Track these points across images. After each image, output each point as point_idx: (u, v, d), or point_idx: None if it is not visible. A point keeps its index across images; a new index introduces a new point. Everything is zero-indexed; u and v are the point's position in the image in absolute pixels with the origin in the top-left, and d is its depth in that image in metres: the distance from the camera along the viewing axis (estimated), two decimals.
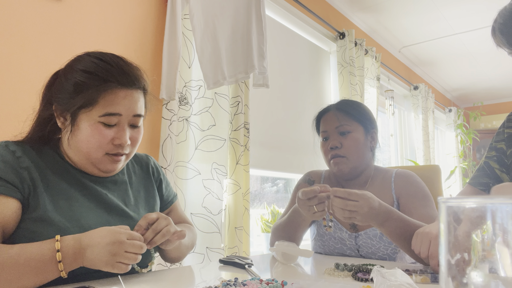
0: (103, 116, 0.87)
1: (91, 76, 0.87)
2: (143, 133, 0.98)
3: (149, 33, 1.84)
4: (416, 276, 0.85)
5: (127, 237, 0.80)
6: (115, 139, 0.90)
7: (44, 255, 0.77)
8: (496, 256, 0.36)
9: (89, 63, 0.89)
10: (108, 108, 0.87)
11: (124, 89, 0.89)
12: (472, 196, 0.38)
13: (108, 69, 0.88)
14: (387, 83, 4.17)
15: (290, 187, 3.01)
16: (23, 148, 0.89)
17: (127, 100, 0.90)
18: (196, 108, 1.90)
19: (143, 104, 0.95)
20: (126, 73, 0.90)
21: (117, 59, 0.92)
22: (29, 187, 0.85)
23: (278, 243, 1.10)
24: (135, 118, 0.93)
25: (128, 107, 0.90)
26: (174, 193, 1.20)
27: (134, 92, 0.91)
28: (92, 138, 0.88)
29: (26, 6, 1.41)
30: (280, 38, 2.75)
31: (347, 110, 1.33)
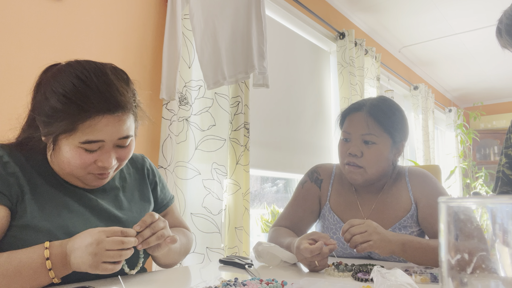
0: (84, 143, 0.82)
1: (68, 102, 0.80)
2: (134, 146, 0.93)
3: (149, 33, 1.84)
4: (416, 276, 0.85)
5: (106, 234, 0.76)
6: (99, 162, 0.86)
7: (34, 263, 0.76)
8: (496, 256, 0.36)
9: (68, 84, 0.81)
10: (88, 136, 0.82)
11: (106, 115, 0.82)
12: (472, 196, 0.38)
13: (87, 95, 0.80)
14: (387, 83, 4.17)
15: (290, 187, 3.01)
16: (10, 153, 0.86)
17: (109, 127, 0.83)
18: (196, 108, 1.90)
19: (131, 124, 0.88)
20: (108, 99, 0.82)
21: (99, 79, 0.83)
22: (16, 194, 0.83)
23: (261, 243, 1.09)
24: (122, 140, 0.87)
25: (111, 133, 0.84)
26: (170, 195, 1.16)
27: (118, 116, 0.84)
28: (73, 161, 0.84)
29: (26, 6, 1.41)
30: (280, 38, 2.75)
31: (380, 118, 1.19)
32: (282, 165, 2.62)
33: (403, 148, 1.27)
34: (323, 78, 3.21)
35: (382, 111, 1.21)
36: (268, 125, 2.54)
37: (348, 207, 1.29)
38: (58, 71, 0.85)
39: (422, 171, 1.28)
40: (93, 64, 0.87)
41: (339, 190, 1.32)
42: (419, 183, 1.24)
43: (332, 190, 1.33)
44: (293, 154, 2.72)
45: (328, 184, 1.34)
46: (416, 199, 1.22)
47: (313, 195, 1.34)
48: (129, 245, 0.78)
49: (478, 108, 6.12)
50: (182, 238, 1.08)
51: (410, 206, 1.21)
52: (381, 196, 1.26)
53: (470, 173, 5.71)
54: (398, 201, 1.23)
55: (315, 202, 1.34)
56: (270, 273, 0.96)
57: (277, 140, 2.60)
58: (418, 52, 4.53)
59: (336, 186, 1.33)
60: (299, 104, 2.86)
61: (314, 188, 1.34)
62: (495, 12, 4.00)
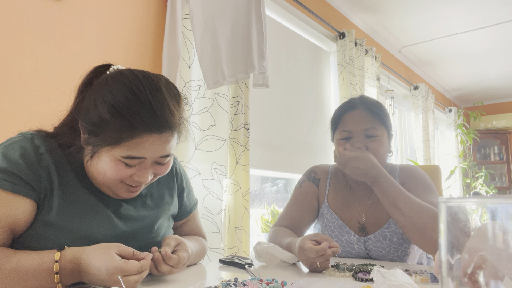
0: (125, 158, 0.80)
1: (118, 115, 0.77)
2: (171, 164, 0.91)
3: (149, 33, 1.84)
4: (416, 276, 0.85)
5: (123, 273, 0.74)
6: (135, 176, 0.84)
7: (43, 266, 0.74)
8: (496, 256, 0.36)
9: (120, 96, 0.78)
10: (132, 152, 0.80)
11: (154, 135, 0.80)
12: (472, 196, 0.38)
13: (139, 112, 0.78)
14: (387, 83, 4.17)
15: (290, 187, 3.01)
16: (48, 144, 0.84)
17: (154, 145, 0.81)
18: (196, 108, 1.90)
19: (175, 143, 0.86)
20: (159, 118, 0.79)
21: (152, 96, 0.80)
22: (45, 188, 0.81)
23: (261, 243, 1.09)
24: (162, 159, 0.85)
25: (154, 151, 0.82)
26: (195, 201, 1.15)
27: (164, 136, 0.81)
28: (110, 172, 0.82)
29: (26, 6, 1.41)
30: (280, 38, 2.75)
31: (377, 112, 1.25)
32: (282, 165, 2.62)
33: (392, 138, 1.32)
34: (323, 78, 3.21)
35: (376, 106, 1.27)
36: (268, 125, 2.53)
37: (345, 205, 1.30)
38: (111, 79, 0.82)
39: (413, 167, 1.31)
40: (147, 77, 0.83)
41: (336, 188, 1.34)
42: (406, 175, 1.28)
43: (330, 188, 1.35)
44: (293, 154, 2.72)
45: (326, 183, 1.36)
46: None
47: (311, 194, 1.35)
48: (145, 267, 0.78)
49: (478, 108, 6.12)
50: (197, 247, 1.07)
51: None
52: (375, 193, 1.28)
53: (470, 173, 5.71)
54: None
55: (314, 201, 1.35)
56: (270, 273, 0.96)
57: (277, 140, 2.60)
58: (418, 52, 4.53)
59: (333, 185, 1.35)
60: (299, 104, 2.86)
61: (312, 187, 1.36)
62: (495, 12, 4.00)
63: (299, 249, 1.00)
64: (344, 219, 1.28)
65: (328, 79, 3.27)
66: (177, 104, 0.85)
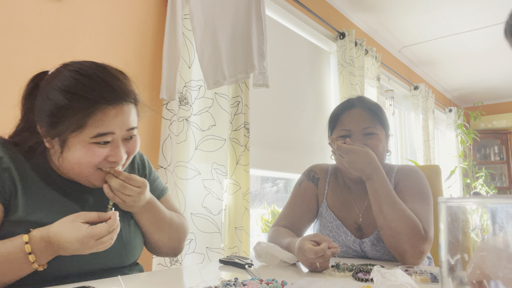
0: (95, 137, 0.82)
1: (74, 97, 0.80)
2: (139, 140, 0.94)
3: (149, 33, 1.84)
4: (416, 276, 0.85)
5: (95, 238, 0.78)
6: (110, 157, 0.86)
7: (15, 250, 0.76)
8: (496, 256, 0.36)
9: (70, 80, 0.81)
10: (99, 129, 0.82)
11: (114, 106, 0.83)
12: (472, 197, 0.38)
13: (94, 87, 0.81)
14: (387, 83, 4.17)
15: (290, 187, 3.01)
16: (6, 148, 0.86)
17: (118, 118, 0.84)
18: (196, 108, 1.90)
19: (135, 116, 0.90)
20: (114, 89, 0.83)
21: (101, 72, 0.84)
22: (10, 189, 0.83)
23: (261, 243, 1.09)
24: (129, 132, 0.88)
25: (120, 124, 0.85)
26: (162, 187, 1.14)
27: (124, 106, 0.85)
28: (85, 159, 0.84)
29: (26, 6, 1.41)
30: (280, 38, 2.75)
31: (375, 111, 1.26)
32: (282, 165, 2.62)
33: (389, 138, 1.33)
34: (323, 78, 3.21)
35: (374, 106, 1.28)
36: (268, 125, 2.54)
37: (343, 205, 1.31)
38: (57, 72, 0.85)
39: (411, 169, 1.30)
40: (90, 61, 0.87)
41: (335, 188, 1.34)
42: (402, 175, 1.27)
43: (329, 188, 1.35)
44: (293, 154, 2.72)
45: (325, 182, 1.36)
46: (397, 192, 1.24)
47: (310, 194, 1.35)
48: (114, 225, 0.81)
49: (478, 108, 6.12)
50: (174, 217, 1.07)
51: None
52: None
53: (470, 173, 5.71)
54: None
55: (313, 200, 1.35)
56: (270, 273, 0.96)
57: (277, 140, 2.60)
58: (418, 52, 4.53)
59: (332, 184, 1.36)
60: (299, 104, 2.86)
61: (312, 187, 1.36)
62: (495, 12, 3.99)
63: (299, 250, 1.00)
64: (342, 219, 1.28)
65: (328, 79, 3.27)
66: (126, 78, 0.89)
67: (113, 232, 0.81)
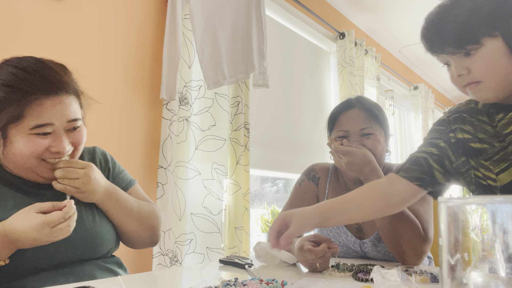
0: (34, 128, 0.84)
1: (11, 90, 0.82)
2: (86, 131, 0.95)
3: (149, 33, 1.84)
4: (416, 276, 0.85)
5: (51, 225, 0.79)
6: (52, 147, 0.87)
7: None
8: (496, 256, 0.36)
9: (7, 75, 0.84)
10: (37, 120, 0.83)
11: (51, 97, 0.85)
12: (472, 197, 0.38)
13: (29, 79, 0.83)
14: (387, 83, 4.17)
15: (290, 187, 3.01)
16: None
17: (56, 108, 0.85)
18: (196, 108, 1.90)
19: (77, 107, 0.91)
20: (49, 80, 0.85)
21: (37, 65, 0.86)
22: None
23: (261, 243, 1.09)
24: (71, 123, 0.89)
25: (59, 115, 0.86)
26: (129, 179, 1.13)
27: (63, 98, 0.87)
28: (26, 149, 0.85)
29: (26, 6, 1.41)
30: (280, 38, 2.75)
31: (373, 111, 1.24)
32: (282, 165, 2.62)
33: (389, 138, 1.32)
34: (323, 78, 3.21)
35: (373, 106, 1.27)
36: (268, 125, 2.53)
37: None
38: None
39: None
40: (29, 56, 0.89)
41: (336, 188, 1.33)
42: None
43: (330, 188, 1.34)
44: (293, 154, 2.72)
45: (326, 181, 1.35)
46: None
47: (311, 194, 1.34)
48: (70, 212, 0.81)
49: None
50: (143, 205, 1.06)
51: None
52: None
53: None
54: None
55: (313, 200, 1.34)
56: (270, 273, 0.96)
57: (277, 140, 2.60)
58: (418, 52, 4.53)
59: (333, 184, 1.34)
60: (299, 104, 2.86)
61: (312, 186, 1.35)
62: None
63: (298, 250, 1.00)
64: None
65: (328, 79, 3.27)
66: (64, 70, 0.90)
67: (70, 219, 0.81)
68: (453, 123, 0.97)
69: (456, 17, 0.83)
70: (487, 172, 0.87)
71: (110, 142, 1.64)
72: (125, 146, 1.69)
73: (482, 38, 0.80)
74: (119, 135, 1.68)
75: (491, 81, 0.82)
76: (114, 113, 1.66)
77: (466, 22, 0.81)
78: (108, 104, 1.63)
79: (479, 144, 0.90)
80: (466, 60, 0.84)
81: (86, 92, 0.97)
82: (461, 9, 0.83)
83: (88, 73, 1.57)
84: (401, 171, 0.95)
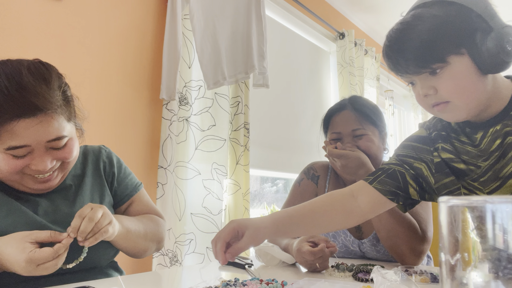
0: (9, 150, 0.79)
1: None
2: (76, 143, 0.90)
3: (149, 33, 1.84)
4: (416, 276, 0.85)
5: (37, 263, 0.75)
6: (32, 165, 0.82)
7: None
8: (496, 256, 0.36)
9: None
10: (10, 142, 0.78)
11: (25, 119, 0.77)
12: (472, 196, 0.38)
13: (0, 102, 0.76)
14: (386, 83, 4.17)
15: (289, 187, 3.00)
16: None
17: (31, 130, 0.79)
18: (196, 108, 1.90)
19: (61, 123, 0.83)
20: (20, 103, 0.77)
21: (11, 83, 0.78)
22: None
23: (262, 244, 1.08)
24: (53, 143, 0.83)
25: (35, 136, 0.79)
26: (135, 183, 1.09)
27: (39, 118, 0.79)
28: (3, 167, 0.81)
29: (26, 6, 1.41)
30: (280, 38, 2.75)
31: (365, 112, 1.24)
32: (282, 165, 2.62)
33: (386, 137, 1.31)
34: (323, 78, 3.21)
35: (364, 105, 1.26)
36: (268, 125, 2.53)
37: None
38: None
39: None
40: (8, 64, 0.82)
41: (335, 186, 1.33)
42: None
43: (329, 186, 1.34)
44: (293, 154, 2.72)
45: (325, 180, 1.35)
46: None
47: (310, 193, 1.34)
48: (61, 251, 0.77)
49: None
50: (148, 223, 1.03)
51: None
52: None
53: None
54: None
55: None
56: (270, 273, 0.96)
57: (277, 140, 2.60)
58: None
59: (333, 182, 1.34)
60: (299, 104, 2.86)
61: (311, 186, 1.35)
62: None
63: (297, 252, 1.00)
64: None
65: (328, 79, 3.27)
66: (45, 84, 0.82)
67: (58, 258, 0.77)
68: (435, 141, 0.92)
69: (419, 34, 0.78)
70: (477, 191, 0.84)
71: (110, 142, 1.64)
72: (125, 146, 1.69)
73: (448, 56, 0.76)
74: (119, 135, 1.68)
75: (459, 101, 0.78)
76: (114, 113, 1.66)
77: (430, 40, 0.76)
78: (108, 104, 1.63)
79: (463, 165, 0.86)
80: (432, 79, 0.79)
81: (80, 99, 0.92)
82: (424, 26, 0.77)
83: (88, 73, 1.57)
84: (375, 182, 0.92)
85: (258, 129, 2.40)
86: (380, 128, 1.27)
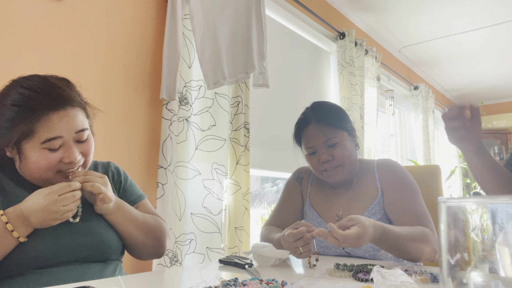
0: (45, 143, 0.90)
1: (20, 109, 0.89)
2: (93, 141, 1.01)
3: (149, 33, 1.84)
4: (416, 276, 0.85)
5: (58, 193, 0.88)
6: (64, 158, 0.94)
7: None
8: (496, 256, 0.36)
9: (15, 95, 0.91)
10: (47, 134, 0.90)
11: (57, 111, 0.91)
12: (472, 196, 0.38)
13: (35, 98, 0.90)
14: (387, 83, 4.17)
15: None
16: None
17: (63, 122, 0.92)
18: (196, 108, 1.90)
19: (83, 118, 0.98)
20: (53, 96, 0.92)
21: (42, 84, 0.93)
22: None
23: (254, 245, 1.09)
24: (79, 134, 0.96)
25: (66, 127, 0.92)
26: (139, 194, 1.19)
27: (68, 111, 0.93)
28: (40, 163, 0.92)
29: (26, 6, 1.41)
30: (280, 38, 2.75)
31: (329, 121, 1.28)
32: (282, 165, 2.62)
33: (355, 133, 1.36)
34: (323, 78, 3.21)
35: (326, 115, 1.30)
36: (268, 125, 2.53)
37: (325, 202, 1.36)
38: (5, 88, 0.95)
39: (390, 161, 1.34)
40: (35, 75, 0.96)
41: (318, 187, 1.41)
42: (385, 171, 1.30)
43: (312, 187, 1.42)
44: (293, 154, 2.71)
45: (308, 182, 1.44)
46: (382, 187, 1.28)
47: (296, 192, 1.44)
48: (78, 195, 0.91)
49: None
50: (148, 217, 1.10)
51: (377, 194, 1.28)
52: (353, 188, 1.34)
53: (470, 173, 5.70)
54: (367, 190, 1.30)
55: (299, 198, 1.43)
56: (270, 273, 0.96)
57: (277, 140, 2.60)
58: (418, 52, 4.53)
59: (315, 184, 1.43)
60: (299, 104, 2.85)
61: (297, 186, 1.45)
62: (495, 12, 3.98)
63: (282, 238, 1.07)
64: (324, 216, 1.33)
65: (328, 79, 3.27)
66: (67, 85, 0.97)
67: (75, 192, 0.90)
68: None
69: None
70: None
71: (110, 142, 1.64)
72: (125, 146, 1.69)
73: None
74: (119, 135, 1.68)
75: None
76: (114, 113, 1.66)
77: None
78: (108, 104, 1.63)
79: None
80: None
81: (90, 101, 1.02)
82: None
83: (88, 73, 1.57)
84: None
85: (258, 129, 2.40)
86: (347, 129, 1.31)
